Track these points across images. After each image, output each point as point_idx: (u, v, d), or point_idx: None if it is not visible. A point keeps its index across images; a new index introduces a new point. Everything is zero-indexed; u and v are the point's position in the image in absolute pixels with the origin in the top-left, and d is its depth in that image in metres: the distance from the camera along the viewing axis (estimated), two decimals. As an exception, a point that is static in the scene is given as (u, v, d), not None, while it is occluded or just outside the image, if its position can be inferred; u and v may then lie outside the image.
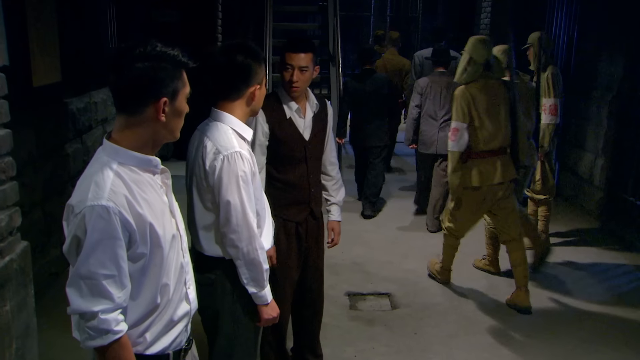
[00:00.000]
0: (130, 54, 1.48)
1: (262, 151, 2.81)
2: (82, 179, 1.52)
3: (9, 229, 1.76)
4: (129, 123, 1.53)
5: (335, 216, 3.15)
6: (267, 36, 7.03)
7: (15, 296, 1.81)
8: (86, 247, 1.43)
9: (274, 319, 2.32)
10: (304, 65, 2.72)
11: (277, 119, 2.80)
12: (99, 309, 1.44)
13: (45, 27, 4.28)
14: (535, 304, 4.18)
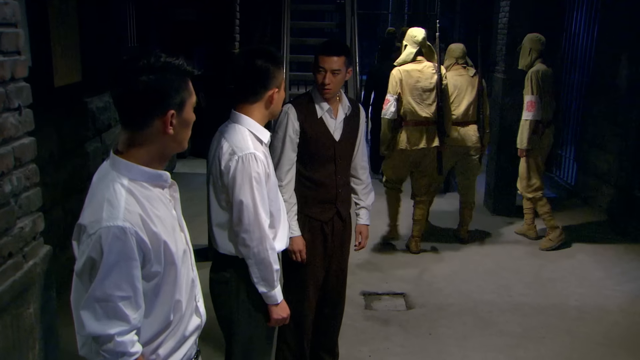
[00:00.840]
0: (134, 67, 1.43)
1: (293, 148, 2.84)
2: (91, 196, 1.47)
3: (32, 233, 1.80)
4: (135, 137, 1.48)
5: (364, 220, 3.18)
6: (284, 35, 7.06)
7: (38, 299, 1.85)
8: (102, 270, 1.39)
9: (283, 319, 2.36)
10: (336, 69, 2.76)
11: (308, 117, 2.84)
12: (115, 332, 1.42)
13: (66, 27, 4.35)
14: (553, 305, 4.16)
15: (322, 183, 2.92)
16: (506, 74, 5.81)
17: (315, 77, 2.82)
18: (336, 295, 3.20)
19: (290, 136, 2.81)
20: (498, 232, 5.64)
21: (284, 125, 2.81)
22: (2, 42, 1.64)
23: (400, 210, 5.34)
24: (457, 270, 4.76)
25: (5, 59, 1.66)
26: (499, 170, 5.98)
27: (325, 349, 3.30)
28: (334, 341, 3.32)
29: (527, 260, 4.98)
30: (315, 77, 2.82)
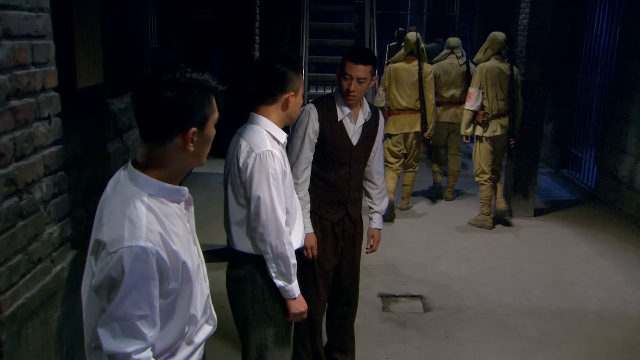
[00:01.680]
0: (157, 81, 1.39)
1: (311, 147, 2.88)
2: (110, 212, 1.44)
3: (60, 239, 1.85)
4: (155, 152, 1.45)
5: (377, 224, 3.22)
6: (303, 36, 7.09)
7: (65, 302, 1.90)
8: (123, 290, 1.37)
9: (301, 313, 2.40)
10: (362, 77, 2.80)
11: (328, 119, 2.88)
12: (132, 350, 1.40)
13: (89, 30, 4.41)
14: (572, 309, 4.14)
15: (335, 185, 2.96)
16: (526, 76, 5.77)
17: (341, 83, 2.86)
18: (349, 295, 3.24)
19: (309, 135, 2.85)
20: (516, 235, 5.61)
21: (304, 124, 2.85)
22: (34, 54, 1.69)
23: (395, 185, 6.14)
24: (475, 273, 4.76)
25: (36, 70, 1.70)
26: (518, 173, 5.95)
27: (340, 349, 3.34)
28: (347, 339, 3.35)
29: (545, 263, 4.95)
30: (341, 83, 2.86)
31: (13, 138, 1.63)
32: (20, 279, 1.71)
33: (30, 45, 1.67)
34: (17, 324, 1.68)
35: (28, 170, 1.72)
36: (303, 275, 3.02)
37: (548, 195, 6.90)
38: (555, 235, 5.58)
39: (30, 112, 1.69)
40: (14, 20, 1.60)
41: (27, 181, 1.72)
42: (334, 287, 3.17)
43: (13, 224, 1.66)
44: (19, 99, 1.64)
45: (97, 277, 1.40)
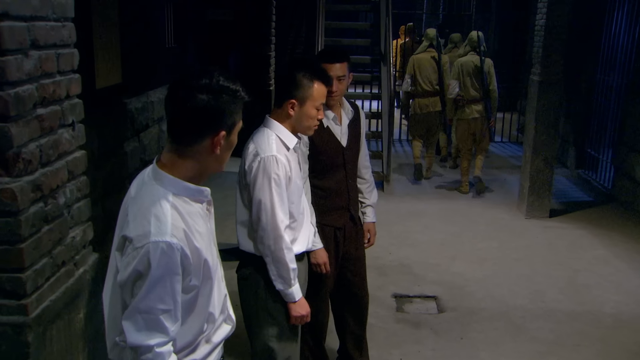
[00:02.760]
0: (194, 85, 1.45)
1: (305, 160, 2.87)
2: (137, 210, 1.49)
3: (82, 242, 1.89)
4: (182, 153, 1.51)
5: (371, 217, 3.24)
6: (318, 35, 7.10)
7: (88, 304, 1.94)
8: (148, 283, 1.43)
9: (302, 317, 2.43)
10: (341, 75, 2.81)
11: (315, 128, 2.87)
12: (155, 343, 1.46)
13: (108, 30, 4.46)
14: (588, 312, 4.13)
15: (335, 190, 2.97)
16: (542, 76, 5.74)
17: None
18: (358, 297, 3.24)
19: (301, 149, 2.83)
20: (531, 236, 5.60)
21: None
22: (59, 62, 1.73)
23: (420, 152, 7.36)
24: (489, 274, 4.76)
25: (61, 78, 1.74)
26: (533, 173, 5.92)
27: (354, 348, 3.35)
28: (360, 341, 3.35)
29: (561, 265, 4.94)
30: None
31: (39, 145, 1.68)
32: (45, 282, 1.75)
33: (56, 55, 1.71)
34: (42, 326, 1.72)
35: (53, 176, 1.76)
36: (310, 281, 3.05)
37: (564, 196, 6.87)
38: (571, 237, 5.56)
39: (55, 119, 1.74)
40: (42, 31, 1.64)
41: (52, 187, 1.77)
42: (342, 290, 3.18)
43: (39, 228, 1.71)
44: (44, 107, 1.68)
45: (122, 272, 1.46)
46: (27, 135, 1.61)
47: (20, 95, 1.56)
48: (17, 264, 1.65)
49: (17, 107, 1.55)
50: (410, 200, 6.58)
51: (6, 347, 1.65)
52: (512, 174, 7.61)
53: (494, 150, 9.23)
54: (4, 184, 1.57)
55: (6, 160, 1.56)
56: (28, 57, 1.59)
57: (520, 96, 10.07)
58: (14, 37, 1.52)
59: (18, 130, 1.57)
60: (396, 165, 7.74)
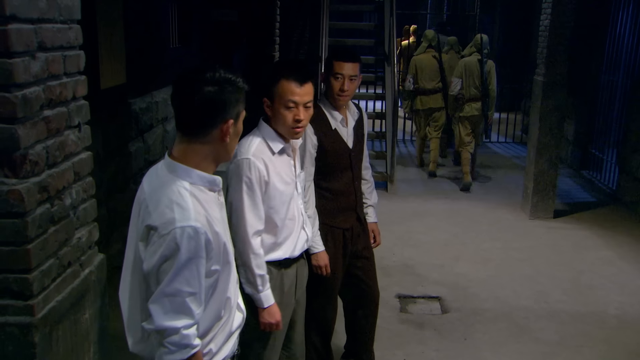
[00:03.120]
0: (199, 78, 1.52)
1: (312, 162, 2.88)
2: (157, 200, 1.54)
3: (88, 243, 1.90)
4: (193, 145, 1.57)
5: (373, 217, 3.26)
6: (322, 35, 7.10)
7: (93, 305, 1.95)
8: (176, 267, 1.48)
9: (271, 324, 2.38)
10: (353, 75, 2.81)
11: (323, 130, 2.88)
12: (182, 325, 1.51)
13: (112, 31, 4.47)
14: (592, 313, 4.13)
15: (342, 192, 2.98)
16: (547, 76, 5.74)
17: (331, 84, 2.83)
18: (369, 296, 3.27)
19: (309, 151, 2.84)
20: (535, 236, 5.60)
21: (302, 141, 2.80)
22: (65, 64, 1.74)
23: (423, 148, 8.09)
24: (493, 275, 4.76)
25: (68, 80, 1.75)
26: (538, 174, 5.91)
27: (361, 350, 3.37)
28: (370, 341, 3.37)
29: (565, 266, 4.93)
30: (331, 84, 2.83)
31: (46, 146, 1.69)
32: (51, 283, 1.76)
33: (62, 56, 1.72)
34: (49, 327, 1.73)
35: (59, 177, 1.77)
36: (317, 283, 3.06)
37: (568, 196, 6.86)
38: (575, 238, 5.55)
39: (62, 120, 1.75)
40: (48, 33, 1.65)
41: (59, 188, 1.78)
42: (353, 290, 3.20)
43: (45, 229, 1.72)
44: (51, 109, 1.69)
45: (149, 260, 1.51)
46: (34, 136, 1.62)
47: (28, 97, 1.57)
48: (23, 265, 1.66)
49: (24, 109, 1.56)
50: (414, 201, 6.58)
51: (13, 348, 1.66)
52: (516, 174, 7.61)
53: (498, 151, 9.22)
54: (11, 186, 1.58)
55: (13, 161, 1.57)
56: (35, 59, 1.60)
57: (524, 96, 10.06)
58: (21, 40, 1.53)
59: (25, 132, 1.58)
60: (400, 165, 7.74)
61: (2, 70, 1.51)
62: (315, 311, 3.08)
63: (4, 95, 1.51)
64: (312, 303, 3.04)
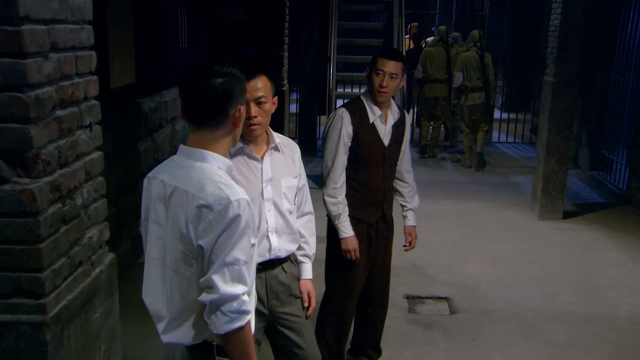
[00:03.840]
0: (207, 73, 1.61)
1: (345, 151, 2.95)
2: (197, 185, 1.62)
3: (99, 242, 1.91)
4: (211, 134, 1.66)
5: (412, 221, 3.33)
6: (331, 35, 7.10)
7: (103, 304, 1.97)
8: (235, 237, 1.59)
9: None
10: (394, 73, 2.87)
11: (360, 122, 2.94)
12: (241, 292, 1.61)
13: (122, 31, 4.49)
14: (602, 314, 4.10)
15: (371, 186, 3.03)
16: (557, 77, 5.71)
17: (372, 80, 2.90)
18: (380, 295, 3.31)
19: (343, 139, 2.90)
20: (544, 237, 5.57)
21: (338, 128, 2.91)
22: (77, 65, 1.75)
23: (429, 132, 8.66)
24: (502, 275, 4.74)
25: (80, 80, 1.76)
26: (547, 175, 5.89)
27: (369, 348, 3.40)
28: (377, 340, 3.41)
29: (574, 267, 4.91)
30: (372, 80, 2.90)
31: (58, 146, 1.70)
32: (62, 282, 1.77)
33: (74, 57, 1.73)
34: (60, 325, 1.74)
35: (71, 177, 1.78)
36: (337, 279, 3.08)
37: (578, 197, 6.82)
38: (585, 239, 5.52)
39: (74, 120, 1.76)
40: (61, 34, 1.66)
41: (70, 187, 1.79)
42: (366, 287, 3.24)
43: (57, 229, 1.73)
44: (63, 109, 1.70)
45: (207, 236, 1.59)
46: (46, 136, 1.63)
47: (40, 97, 1.58)
48: (36, 264, 1.67)
49: (36, 109, 1.57)
50: (422, 201, 6.47)
51: (25, 346, 1.68)
52: (525, 175, 7.58)
53: (507, 151, 9.19)
54: (24, 185, 1.59)
55: (26, 161, 1.58)
56: (48, 60, 1.61)
57: (533, 96, 10.02)
58: (34, 40, 1.54)
59: (37, 132, 1.59)
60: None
61: (15, 70, 1.52)
62: (333, 310, 3.10)
63: (17, 96, 1.52)
64: (331, 301, 3.06)
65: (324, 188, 2.96)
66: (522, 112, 9.80)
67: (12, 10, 1.46)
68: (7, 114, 1.53)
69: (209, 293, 1.60)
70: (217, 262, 1.59)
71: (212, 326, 1.61)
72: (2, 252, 1.68)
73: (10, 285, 1.68)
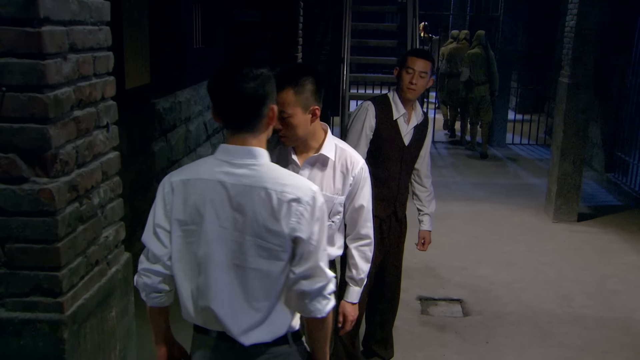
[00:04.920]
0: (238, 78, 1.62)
1: (366, 142, 3.04)
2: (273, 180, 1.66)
3: (115, 242, 1.92)
4: (250, 135, 1.69)
5: (427, 226, 3.40)
6: (345, 36, 7.09)
7: (119, 303, 1.98)
8: (322, 225, 1.69)
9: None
10: (423, 71, 2.97)
11: (384, 117, 3.03)
12: (332, 275, 1.72)
13: (137, 31, 4.52)
14: (617, 319, 4.07)
15: (386, 181, 3.09)
16: (572, 78, 5.66)
17: (402, 77, 3.00)
18: (392, 292, 3.38)
19: (366, 131, 3.00)
20: (559, 240, 5.53)
21: (362, 119, 3.00)
22: (95, 65, 1.76)
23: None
24: (516, 278, 4.71)
25: (97, 80, 1.78)
26: (562, 177, 5.84)
27: (380, 343, 3.44)
28: (387, 337, 3.45)
29: (589, 270, 4.87)
30: (402, 77, 3.00)
31: (75, 146, 1.71)
32: (79, 281, 1.79)
33: (92, 58, 1.75)
34: (77, 324, 1.76)
35: (88, 176, 1.80)
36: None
37: (593, 200, 6.76)
38: (600, 242, 5.47)
39: (91, 121, 1.77)
40: (80, 35, 1.68)
41: (87, 187, 1.80)
42: (377, 283, 3.29)
43: (74, 228, 1.74)
44: (81, 109, 1.72)
45: (303, 227, 1.65)
46: (65, 136, 1.64)
47: (59, 97, 1.59)
48: (54, 263, 1.68)
49: (55, 109, 1.58)
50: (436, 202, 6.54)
51: (43, 344, 1.69)
52: (540, 177, 7.53)
53: (521, 153, 9.13)
54: (42, 185, 1.60)
55: (44, 161, 1.59)
56: (67, 61, 1.62)
57: (548, 98, 9.95)
58: (54, 42, 1.55)
59: (56, 132, 1.60)
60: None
61: (35, 71, 1.53)
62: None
63: (37, 96, 1.53)
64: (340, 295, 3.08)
65: None
66: (536, 114, 9.73)
67: (33, 11, 1.48)
68: (27, 114, 1.55)
69: (314, 281, 1.68)
70: (319, 250, 1.67)
71: (314, 312, 1.69)
72: (21, 251, 1.69)
73: (29, 283, 1.70)
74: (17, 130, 1.59)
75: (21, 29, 1.48)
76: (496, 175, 7.76)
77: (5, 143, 1.59)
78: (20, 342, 1.72)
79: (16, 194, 1.62)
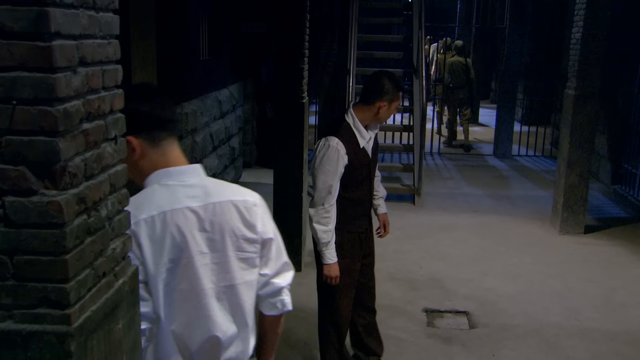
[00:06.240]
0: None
1: (339, 179, 3.03)
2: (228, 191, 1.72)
3: (122, 254, 1.92)
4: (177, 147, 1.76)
5: (384, 208, 3.52)
6: (351, 48, 7.12)
7: (126, 315, 1.97)
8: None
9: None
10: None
11: (354, 150, 3.04)
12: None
13: (145, 43, 4.56)
14: (625, 332, 4.04)
15: (361, 200, 3.19)
16: (578, 90, 5.66)
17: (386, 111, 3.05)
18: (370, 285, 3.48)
19: (340, 171, 2.99)
20: (565, 252, 5.51)
21: (334, 160, 2.95)
22: (104, 78, 1.77)
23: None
24: (522, 290, 4.69)
25: (106, 93, 1.78)
26: (568, 189, 5.83)
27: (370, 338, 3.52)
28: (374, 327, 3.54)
29: (597, 282, 4.84)
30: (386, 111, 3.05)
31: (84, 159, 1.71)
32: (87, 293, 1.78)
33: (101, 71, 1.75)
34: (84, 336, 1.75)
35: (96, 189, 1.79)
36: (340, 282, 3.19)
37: (599, 212, 6.74)
38: (607, 254, 5.45)
39: (100, 133, 1.77)
40: (89, 49, 1.69)
41: (95, 199, 1.80)
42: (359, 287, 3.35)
43: (82, 240, 1.74)
44: (90, 122, 1.72)
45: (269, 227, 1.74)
46: (74, 149, 1.65)
47: (68, 110, 1.60)
48: (61, 275, 1.68)
49: (65, 122, 1.58)
50: (442, 214, 6.54)
51: (50, 356, 1.69)
52: (546, 188, 7.51)
53: (527, 164, 9.12)
54: (51, 197, 1.60)
55: (54, 173, 1.59)
56: (76, 74, 1.63)
57: (554, 110, 9.94)
58: (64, 55, 1.56)
59: (65, 145, 1.60)
60: (427, 178, 7.70)
61: (45, 84, 1.54)
62: (334, 311, 3.23)
63: (47, 109, 1.54)
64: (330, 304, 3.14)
65: (314, 214, 3.00)
66: (542, 125, 9.73)
67: (44, 26, 1.49)
68: (36, 127, 1.55)
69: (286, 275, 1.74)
70: (280, 245, 1.73)
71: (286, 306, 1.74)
72: (29, 263, 1.70)
73: (37, 295, 1.69)
74: (27, 143, 1.60)
75: (32, 43, 1.49)
76: (502, 187, 7.75)
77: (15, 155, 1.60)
78: (28, 353, 1.72)
79: (25, 206, 1.63)
